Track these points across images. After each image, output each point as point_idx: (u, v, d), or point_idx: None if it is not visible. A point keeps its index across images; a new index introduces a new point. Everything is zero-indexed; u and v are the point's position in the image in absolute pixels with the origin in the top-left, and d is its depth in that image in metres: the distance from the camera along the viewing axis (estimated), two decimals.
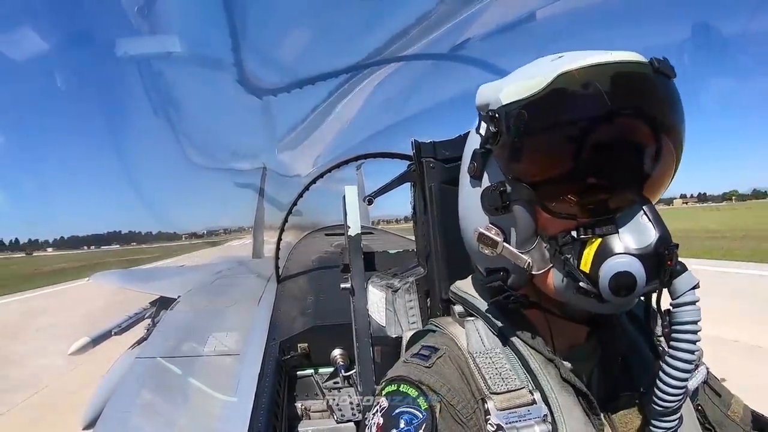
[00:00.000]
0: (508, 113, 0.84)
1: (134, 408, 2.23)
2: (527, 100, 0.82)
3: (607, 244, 0.80)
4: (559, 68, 0.80)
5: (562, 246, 0.85)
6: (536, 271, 0.90)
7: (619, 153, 0.81)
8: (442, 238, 1.37)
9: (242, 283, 4.14)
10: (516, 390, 0.92)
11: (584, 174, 0.82)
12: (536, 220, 0.88)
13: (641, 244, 0.78)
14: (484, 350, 0.98)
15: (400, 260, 1.76)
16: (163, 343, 2.84)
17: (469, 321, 1.05)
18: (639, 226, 0.80)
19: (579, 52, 0.85)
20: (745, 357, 6.95)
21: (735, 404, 1.14)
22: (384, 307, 1.49)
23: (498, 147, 0.87)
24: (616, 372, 1.00)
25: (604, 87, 0.77)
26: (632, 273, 0.77)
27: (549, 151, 0.83)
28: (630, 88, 0.80)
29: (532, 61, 0.93)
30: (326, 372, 2.58)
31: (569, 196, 0.84)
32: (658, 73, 0.81)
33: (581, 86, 0.79)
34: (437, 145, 1.43)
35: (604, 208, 0.83)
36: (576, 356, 0.98)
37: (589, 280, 0.81)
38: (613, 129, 0.80)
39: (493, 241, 0.91)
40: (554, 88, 0.80)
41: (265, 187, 7.25)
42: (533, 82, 0.82)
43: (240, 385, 2.24)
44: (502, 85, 0.89)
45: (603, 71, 0.79)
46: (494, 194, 0.90)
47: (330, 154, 4.85)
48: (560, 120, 0.81)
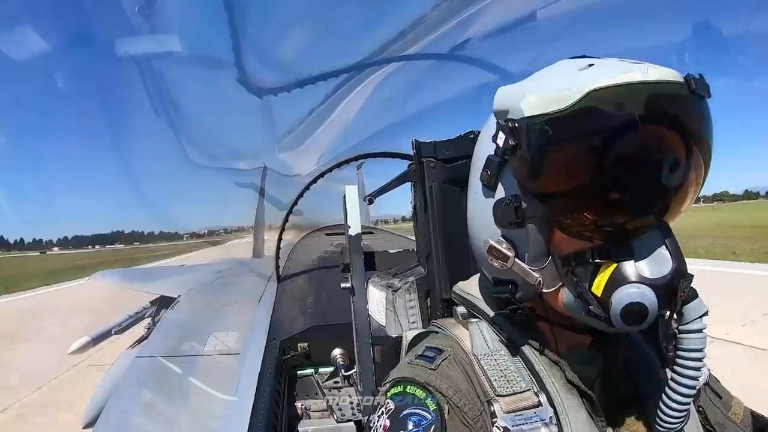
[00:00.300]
0: (531, 127, 0.78)
1: (134, 407, 2.24)
2: (553, 116, 0.76)
3: (621, 271, 0.78)
4: (590, 83, 0.75)
5: (576, 267, 0.83)
6: (546, 290, 0.88)
7: (646, 179, 0.77)
8: (443, 238, 1.37)
9: (242, 283, 4.14)
10: (522, 392, 0.92)
11: (606, 197, 0.78)
12: (550, 238, 0.85)
13: (657, 274, 0.77)
14: (488, 352, 0.98)
15: (401, 260, 1.76)
16: (163, 343, 2.84)
17: (472, 323, 1.05)
18: (656, 255, 0.78)
19: (610, 61, 0.81)
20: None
21: (736, 406, 1.14)
22: (384, 306, 1.49)
23: (516, 161, 0.82)
24: (619, 376, 1.00)
25: (638, 110, 0.72)
26: (645, 304, 0.75)
27: (572, 172, 0.78)
28: (665, 114, 0.75)
29: (534, 59, 0.91)
30: (326, 372, 2.58)
31: (588, 217, 0.80)
32: (694, 94, 0.77)
33: (614, 107, 0.74)
34: (438, 144, 1.43)
35: (622, 232, 0.80)
36: (580, 360, 0.97)
37: (599, 304, 0.80)
38: (642, 155, 0.75)
39: (503, 255, 0.89)
40: (584, 107, 0.75)
41: (265, 187, 7.26)
42: (560, 95, 0.77)
43: (240, 384, 2.24)
44: (523, 91, 0.83)
45: (638, 91, 0.74)
46: (508, 208, 0.86)
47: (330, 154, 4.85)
48: (587, 141, 0.76)
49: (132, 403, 2.26)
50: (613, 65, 0.79)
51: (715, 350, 1.19)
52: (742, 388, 1.32)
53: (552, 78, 0.85)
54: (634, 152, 0.75)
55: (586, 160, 0.76)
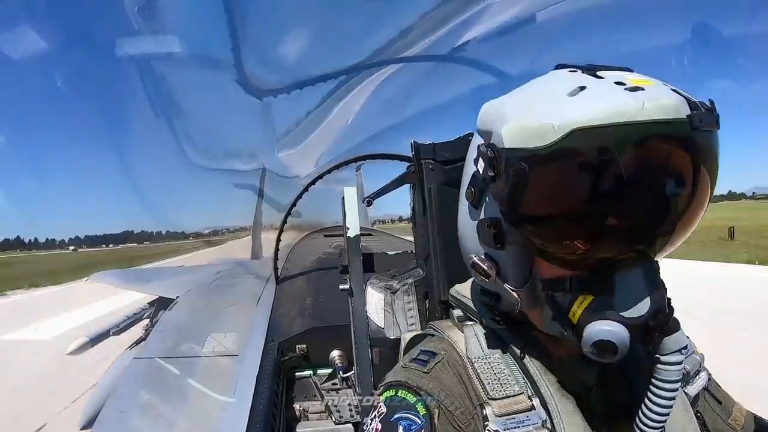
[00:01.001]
0: (509, 160, 0.75)
1: (132, 408, 2.23)
2: (532, 152, 0.72)
3: (597, 305, 0.77)
4: (574, 121, 0.70)
5: (554, 292, 0.82)
6: (525, 308, 0.89)
7: (629, 224, 0.74)
8: (441, 240, 1.37)
9: (241, 284, 4.13)
10: (514, 396, 0.91)
11: (586, 236, 0.76)
12: (531, 262, 0.85)
13: (633, 313, 0.75)
14: (482, 355, 0.98)
15: (399, 262, 1.76)
16: (161, 344, 2.83)
17: (468, 326, 1.05)
18: (635, 294, 0.75)
19: (604, 85, 0.75)
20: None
21: (737, 411, 1.13)
22: (383, 308, 1.49)
23: (495, 189, 0.81)
24: (615, 382, 1.00)
25: (623, 157, 0.68)
26: (614, 343, 0.74)
27: (549, 208, 0.76)
28: (658, 158, 0.71)
29: (532, 61, 0.89)
30: (325, 373, 2.58)
31: (567, 249, 0.78)
32: (695, 130, 0.70)
33: (597, 152, 0.69)
34: (437, 146, 1.43)
35: (602, 267, 0.77)
36: (575, 365, 0.96)
37: (574, 332, 0.80)
38: (626, 206, 0.72)
39: (485, 273, 0.89)
40: (565, 147, 0.70)
41: (264, 188, 7.25)
42: (542, 129, 0.72)
43: (238, 386, 2.23)
44: (507, 113, 0.79)
45: (627, 135, 0.68)
46: (488, 231, 0.85)
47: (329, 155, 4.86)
48: (565, 183, 0.73)
49: (130, 404, 2.26)
50: (606, 93, 0.73)
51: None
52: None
53: (538, 102, 0.79)
54: (616, 203, 0.72)
55: (563, 200, 0.74)
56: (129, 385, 2.42)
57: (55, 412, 6.40)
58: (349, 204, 1.80)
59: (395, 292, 1.49)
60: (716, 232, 28.74)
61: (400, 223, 7.29)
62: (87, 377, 5.95)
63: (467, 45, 3.88)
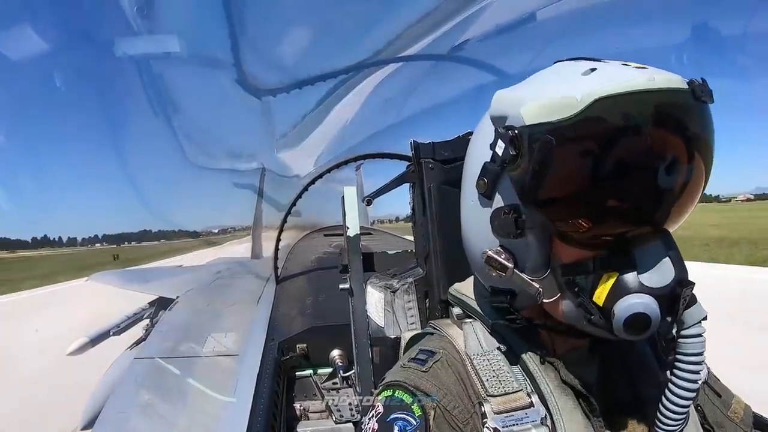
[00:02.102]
0: (532, 136, 0.75)
1: (132, 409, 2.23)
2: (557, 124, 0.73)
3: (624, 281, 0.77)
4: (594, 90, 0.72)
5: (576, 277, 0.82)
6: (546, 300, 0.87)
7: (650, 188, 0.75)
8: (441, 239, 1.37)
9: (241, 284, 4.14)
10: (513, 392, 0.91)
11: (610, 207, 0.76)
12: (551, 248, 0.84)
13: (659, 283, 0.75)
14: (481, 352, 0.97)
15: (399, 261, 1.76)
16: (161, 344, 2.84)
17: (467, 323, 1.05)
18: (658, 264, 0.76)
19: (612, 65, 0.78)
20: None
21: (736, 404, 1.13)
22: (383, 307, 1.49)
23: (517, 170, 0.80)
24: (618, 378, 0.99)
25: (645, 121, 0.71)
26: (648, 314, 0.74)
27: (576, 182, 0.75)
28: (671, 122, 0.74)
29: (532, 61, 0.89)
30: (325, 373, 2.58)
31: (591, 227, 0.78)
32: (698, 100, 0.75)
33: (621, 117, 0.72)
34: (436, 146, 1.43)
35: (624, 241, 0.78)
36: (576, 360, 0.96)
37: (601, 314, 0.79)
38: (648, 165, 0.73)
39: (502, 266, 0.87)
40: (589, 116, 0.72)
41: (264, 188, 7.26)
42: (563, 102, 0.74)
43: (239, 385, 2.24)
44: (522, 96, 0.80)
45: (645, 101, 0.72)
46: (507, 219, 0.84)
47: (329, 155, 4.86)
48: (592, 151, 0.73)
49: (130, 404, 2.26)
50: (617, 70, 0.76)
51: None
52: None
53: (552, 83, 0.82)
54: (639, 162, 0.73)
55: (590, 169, 0.74)
56: (130, 385, 2.42)
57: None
58: (349, 203, 1.80)
59: (395, 291, 1.48)
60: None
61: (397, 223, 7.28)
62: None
63: (466, 44, 3.89)
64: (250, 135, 5.84)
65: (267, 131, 5.12)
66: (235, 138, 5.79)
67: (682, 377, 0.81)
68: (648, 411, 0.93)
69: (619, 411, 0.97)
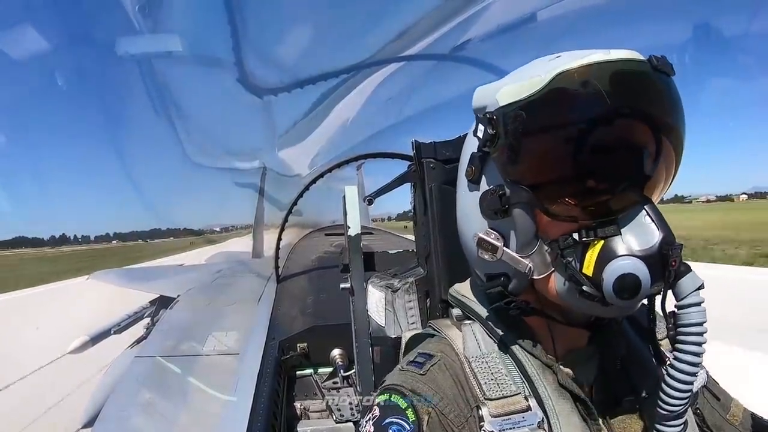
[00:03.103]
0: (506, 115, 0.81)
1: (133, 407, 2.23)
2: (525, 101, 0.80)
3: (609, 246, 0.78)
4: (557, 67, 0.78)
5: (564, 249, 0.83)
6: (537, 276, 0.88)
7: (620, 153, 0.79)
8: (442, 239, 1.37)
9: (242, 283, 4.14)
10: (511, 396, 0.91)
11: (585, 175, 0.79)
12: (537, 224, 0.85)
13: (645, 245, 0.77)
14: (480, 354, 0.97)
15: (400, 260, 1.76)
16: (162, 343, 2.85)
17: (466, 324, 1.04)
18: (642, 227, 0.78)
19: (577, 51, 0.83)
20: None
21: (735, 408, 1.12)
22: (383, 307, 1.49)
23: (496, 150, 0.84)
24: (616, 377, 0.99)
25: (603, 86, 0.75)
26: (636, 275, 0.75)
27: (548, 152, 0.81)
28: (629, 87, 0.78)
29: (530, 59, 0.91)
30: (325, 372, 2.58)
31: (570, 198, 0.81)
32: (657, 71, 0.79)
33: (580, 85, 0.77)
34: (438, 145, 1.43)
35: (605, 209, 0.80)
36: (576, 360, 0.96)
37: (592, 283, 0.79)
38: (613, 129, 0.77)
39: (492, 246, 0.89)
40: (552, 88, 0.78)
41: (265, 187, 7.25)
42: (531, 82, 0.80)
43: (239, 384, 2.24)
44: (499, 86, 0.86)
45: (602, 70, 0.77)
46: (493, 198, 0.87)
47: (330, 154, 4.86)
48: (559, 120, 0.79)
49: (131, 402, 2.26)
50: (580, 53, 0.81)
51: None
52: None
53: (524, 71, 0.88)
54: (604, 127, 0.77)
55: (560, 139, 0.79)
56: (130, 384, 2.42)
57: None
58: (350, 203, 1.80)
59: (396, 290, 1.48)
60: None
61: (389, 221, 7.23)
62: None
63: (468, 44, 3.88)
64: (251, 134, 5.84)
65: (268, 130, 5.12)
66: (236, 137, 5.79)
67: (685, 349, 0.78)
68: (647, 410, 0.93)
69: (616, 409, 0.97)
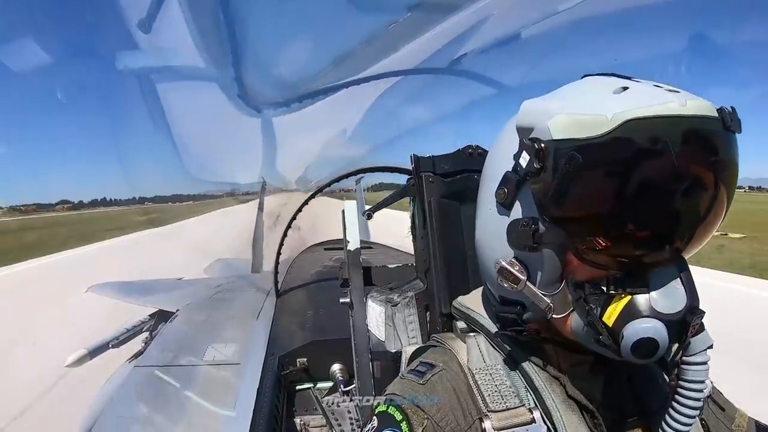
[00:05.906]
0: (558, 151, 0.75)
1: (130, 419, 2.22)
2: (584, 142, 0.73)
3: (635, 304, 0.76)
4: (627, 112, 0.72)
5: (588, 295, 0.81)
6: (556, 316, 0.87)
7: (674, 214, 0.76)
8: (442, 253, 1.37)
9: (241, 297, 4.13)
10: (515, 408, 0.91)
11: (631, 230, 0.76)
12: (565, 265, 0.84)
13: (671, 309, 0.75)
14: (484, 366, 0.97)
15: (400, 275, 1.76)
16: (160, 355, 2.83)
17: (470, 337, 1.04)
18: (671, 290, 0.76)
19: (645, 86, 0.78)
20: None
21: (739, 418, 1.12)
22: (383, 321, 1.49)
23: (539, 183, 0.79)
24: (623, 392, 0.99)
25: (674, 145, 0.70)
26: (656, 339, 0.74)
27: (598, 201, 0.75)
28: (699, 152, 0.74)
29: (526, 72, 0.89)
30: (325, 387, 2.57)
31: (608, 247, 0.78)
32: (727, 129, 0.75)
33: (649, 141, 0.71)
34: (436, 159, 1.44)
35: (639, 264, 0.78)
36: (581, 375, 0.96)
37: (610, 335, 0.78)
38: (673, 191, 0.73)
39: (515, 278, 0.87)
40: (619, 137, 0.71)
41: (264, 201, 7.26)
42: (593, 120, 0.73)
43: (239, 399, 2.23)
44: (550, 109, 0.79)
45: (675, 126, 0.72)
46: (524, 231, 0.83)
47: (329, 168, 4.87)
48: (618, 173, 0.73)
49: (127, 414, 2.25)
50: (650, 92, 0.76)
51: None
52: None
53: (582, 98, 0.81)
54: (664, 187, 0.73)
55: (614, 190, 0.74)
56: (127, 395, 2.41)
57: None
58: (349, 218, 1.81)
59: (396, 305, 1.48)
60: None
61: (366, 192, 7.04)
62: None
63: (465, 57, 3.91)
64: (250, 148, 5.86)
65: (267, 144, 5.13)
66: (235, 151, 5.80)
67: (683, 403, 0.81)
68: (654, 425, 0.92)
69: (623, 424, 0.96)
